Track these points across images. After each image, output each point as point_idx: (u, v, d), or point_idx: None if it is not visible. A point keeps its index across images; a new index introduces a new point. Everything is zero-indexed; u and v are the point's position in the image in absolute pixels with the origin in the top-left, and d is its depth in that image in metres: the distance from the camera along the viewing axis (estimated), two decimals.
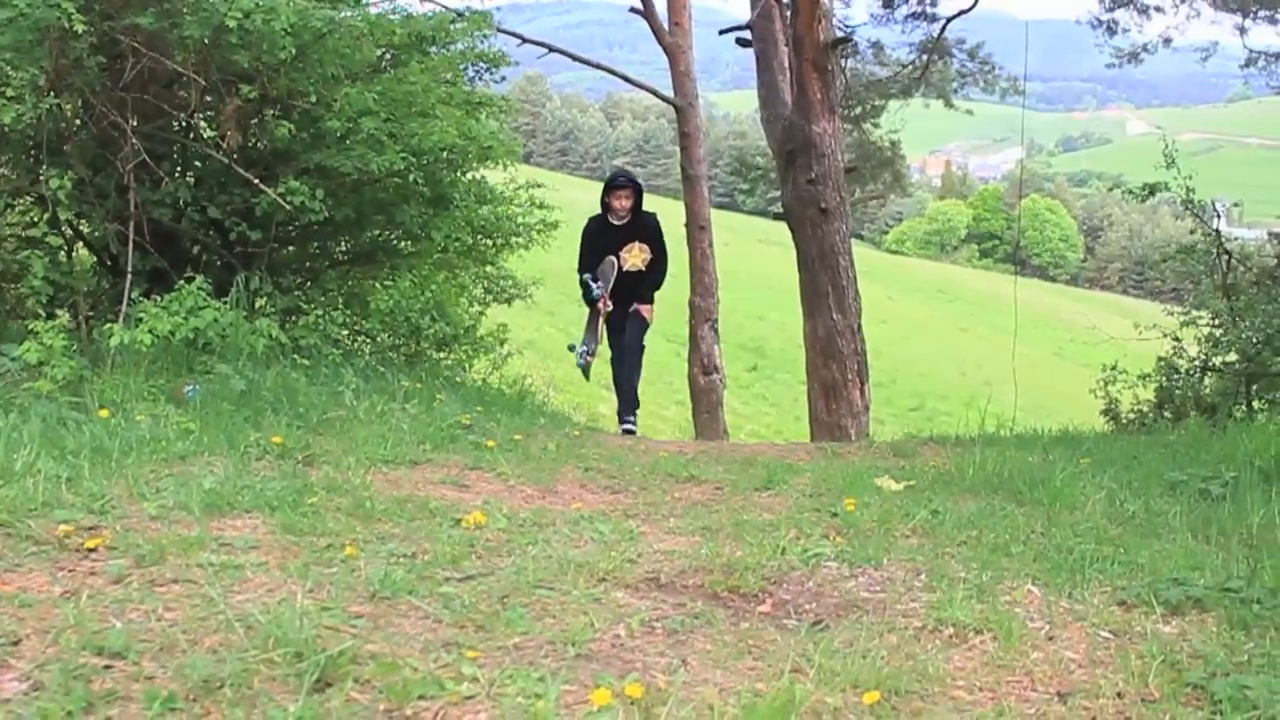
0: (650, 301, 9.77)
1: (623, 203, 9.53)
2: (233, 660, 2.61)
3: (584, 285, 9.55)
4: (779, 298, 35.20)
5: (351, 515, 4.15)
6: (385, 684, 2.61)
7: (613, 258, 9.53)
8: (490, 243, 10.62)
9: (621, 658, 2.96)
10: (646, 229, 9.69)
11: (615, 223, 9.60)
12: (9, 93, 6.35)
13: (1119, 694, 2.85)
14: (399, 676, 2.65)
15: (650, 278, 9.69)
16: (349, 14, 7.92)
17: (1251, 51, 16.97)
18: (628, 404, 9.80)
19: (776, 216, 14.37)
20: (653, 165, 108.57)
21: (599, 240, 9.63)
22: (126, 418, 5.27)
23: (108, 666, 2.59)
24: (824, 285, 12.80)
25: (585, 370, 10.15)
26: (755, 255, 55.17)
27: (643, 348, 9.87)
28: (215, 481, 4.34)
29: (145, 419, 5.29)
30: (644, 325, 9.80)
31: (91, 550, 3.41)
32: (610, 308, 9.57)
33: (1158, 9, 17.33)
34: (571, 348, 9.99)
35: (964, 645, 3.14)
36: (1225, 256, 10.23)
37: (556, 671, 2.77)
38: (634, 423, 9.76)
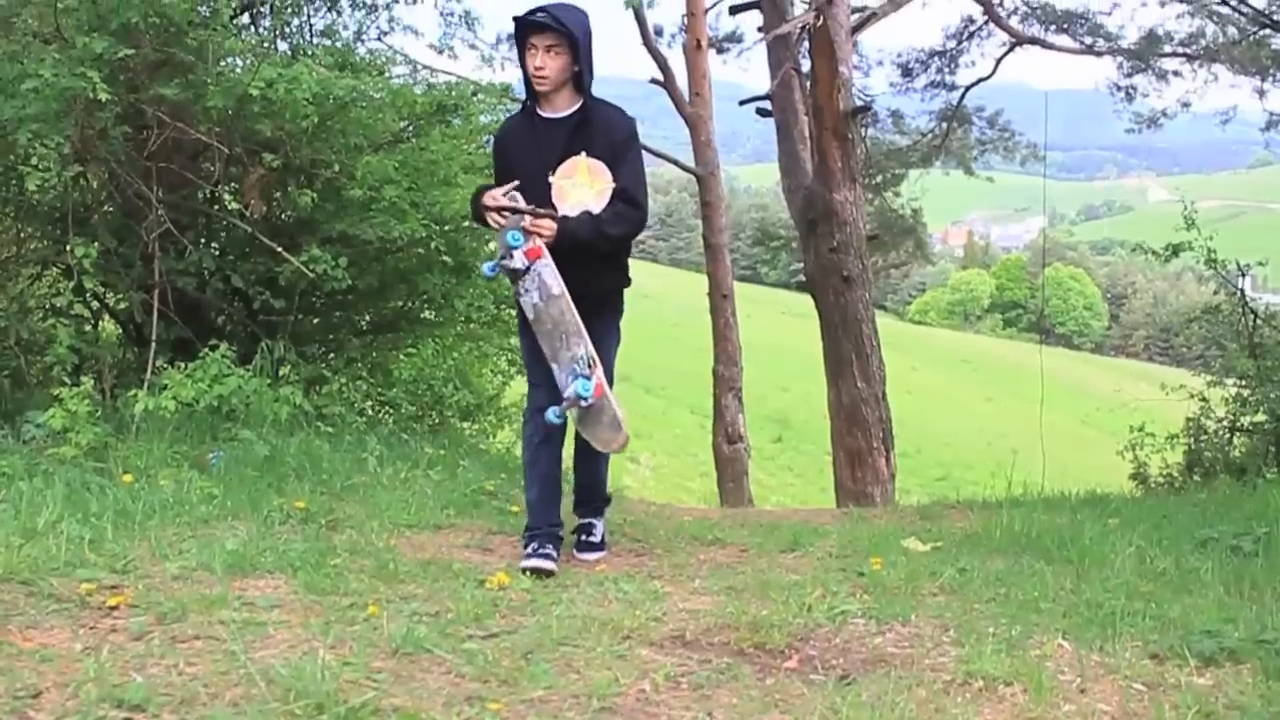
0: (619, 289, 5.24)
1: (541, 60, 4.80)
2: (253, 712, 2.60)
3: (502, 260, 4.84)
4: (803, 369, 35.13)
5: (375, 576, 4.15)
6: None
7: (515, 192, 4.84)
8: (514, 313, 10.62)
9: (646, 711, 2.94)
10: (605, 131, 4.97)
11: (546, 114, 4.98)
12: (34, 161, 6.42)
13: None
14: None
15: (611, 231, 4.92)
16: (370, 84, 7.99)
17: (1272, 114, 17.01)
18: (593, 497, 5.49)
19: (799, 286, 14.39)
20: (675, 239, 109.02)
21: (516, 154, 5.05)
22: (150, 482, 5.28)
23: (128, 719, 2.57)
24: (847, 353, 12.80)
25: (552, 436, 5.11)
26: (778, 327, 55.23)
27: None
28: (238, 543, 4.34)
29: (169, 484, 5.30)
30: (613, 348, 5.18)
31: (113, 608, 3.42)
32: (531, 266, 4.81)
33: (1176, 74, 17.40)
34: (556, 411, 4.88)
35: (994, 698, 3.10)
36: (1251, 316, 10.19)
37: None
38: (600, 531, 5.45)
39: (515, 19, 4.87)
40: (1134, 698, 3.12)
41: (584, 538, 5.37)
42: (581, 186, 4.91)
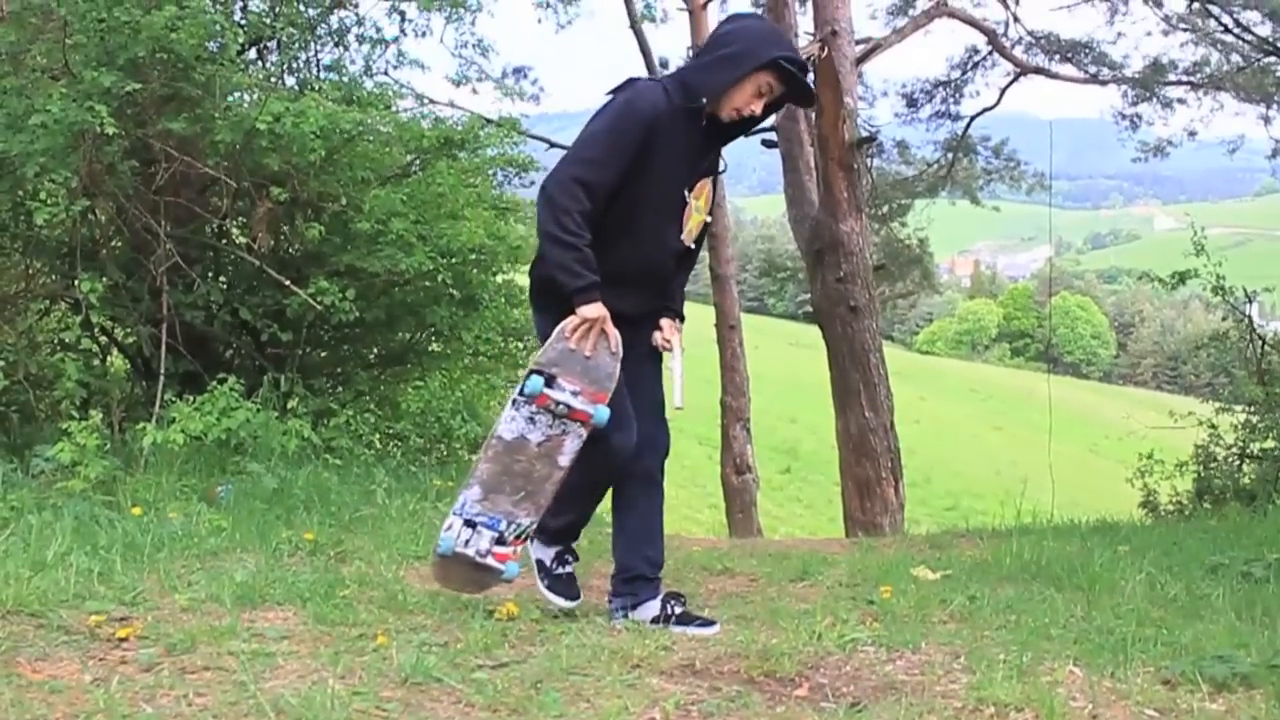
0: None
1: (760, 107, 4.19)
2: None
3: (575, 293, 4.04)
4: (811, 400, 35.13)
5: (384, 607, 4.15)
6: None
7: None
8: (522, 345, 10.62)
9: None
10: (720, 159, 4.47)
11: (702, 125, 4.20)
12: (42, 196, 6.45)
13: None
14: None
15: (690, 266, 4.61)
16: (378, 118, 8.03)
17: (1277, 142, 17.02)
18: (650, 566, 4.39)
19: (806, 317, 14.39)
20: None
21: (667, 151, 4.10)
22: (159, 515, 5.30)
23: None
24: (855, 383, 12.79)
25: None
26: (786, 358, 55.20)
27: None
28: (247, 575, 4.34)
29: (177, 516, 5.31)
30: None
31: (122, 640, 3.42)
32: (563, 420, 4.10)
33: (1181, 102, 17.46)
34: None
35: None
36: (1259, 342, 10.19)
37: None
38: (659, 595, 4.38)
39: (787, 58, 4.11)
40: None
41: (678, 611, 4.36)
42: (698, 213, 4.35)
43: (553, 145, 16.79)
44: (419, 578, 4.84)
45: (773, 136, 15.55)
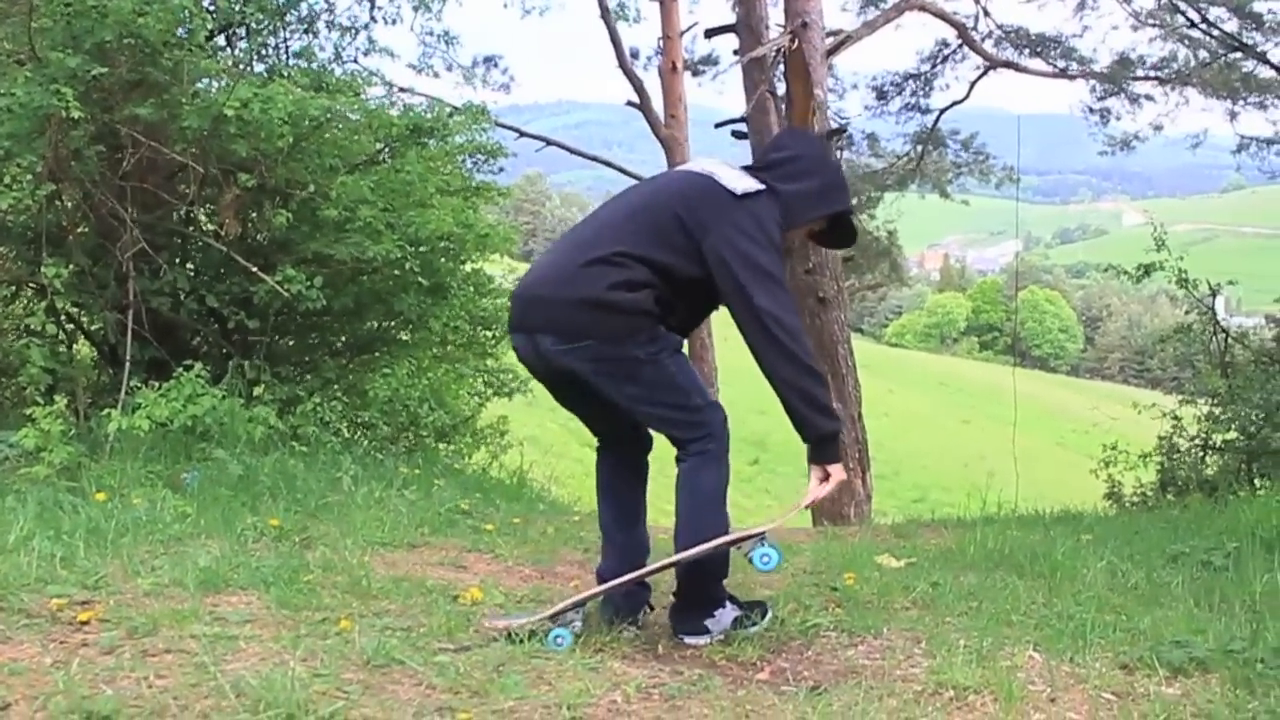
0: None
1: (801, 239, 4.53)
2: None
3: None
4: None
5: (348, 592, 4.13)
6: None
7: None
8: (490, 334, 10.61)
9: None
10: None
11: None
12: (7, 180, 6.41)
13: None
14: None
15: None
16: (346, 105, 8.00)
17: (1243, 138, 17.13)
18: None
19: None
20: None
21: None
22: (123, 501, 5.27)
23: None
24: (823, 374, 12.83)
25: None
26: None
27: None
28: (211, 560, 4.32)
29: (142, 502, 5.28)
30: None
31: (84, 623, 3.40)
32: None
33: (1148, 97, 17.56)
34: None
35: (964, 706, 3.11)
36: (1223, 335, 10.28)
37: None
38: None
39: (852, 212, 4.38)
40: (1103, 706, 3.13)
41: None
42: None
43: (522, 134, 16.80)
44: (384, 564, 4.83)
45: (743, 128, 15.57)
